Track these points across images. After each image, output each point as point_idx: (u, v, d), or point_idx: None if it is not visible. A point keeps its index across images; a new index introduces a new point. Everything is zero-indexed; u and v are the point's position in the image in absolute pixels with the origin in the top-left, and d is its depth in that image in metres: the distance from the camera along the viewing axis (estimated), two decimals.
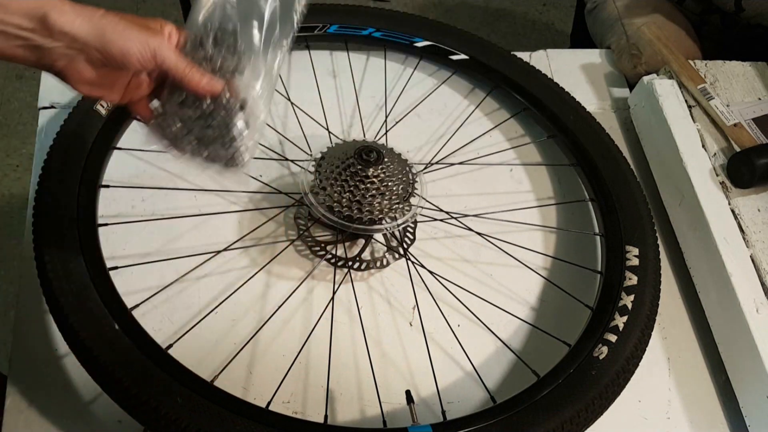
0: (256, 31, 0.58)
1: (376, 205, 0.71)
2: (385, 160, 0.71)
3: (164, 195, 0.80)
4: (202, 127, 0.59)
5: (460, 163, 0.88)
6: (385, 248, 0.79)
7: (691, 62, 0.93)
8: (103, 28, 0.51)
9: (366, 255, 0.78)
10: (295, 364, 0.69)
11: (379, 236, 0.80)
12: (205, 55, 0.57)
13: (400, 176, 0.72)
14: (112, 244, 0.75)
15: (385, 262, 0.78)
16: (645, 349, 0.70)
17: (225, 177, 0.63)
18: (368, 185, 0.70)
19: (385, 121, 0.90)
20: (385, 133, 0.88)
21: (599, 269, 0.78)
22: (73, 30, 0.50)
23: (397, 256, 0.78)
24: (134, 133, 0.81)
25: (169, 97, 0.58)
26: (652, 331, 0.71)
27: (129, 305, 0.63)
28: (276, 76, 0.60)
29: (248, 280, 0.74)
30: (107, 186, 0.74)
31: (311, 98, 0.90)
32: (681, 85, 0.91)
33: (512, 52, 0.96)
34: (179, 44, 0.57)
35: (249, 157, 0.60)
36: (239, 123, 0.59)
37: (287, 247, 0.78)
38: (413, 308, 0.76)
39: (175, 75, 0.55)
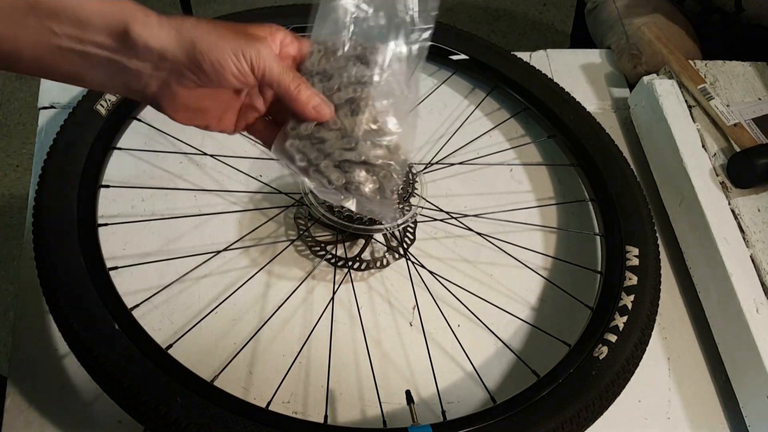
0: (392, 34, 0.49)
1: None
2: None
3: (164, 195, 0.80)
4: (341, 149, 0.48)
5: (460, 163, 0.88)
6: (385, 248, 0.79)
7: (691, 62, 0.93)
8: (192, 39, 0.43)
9: (366, 255, 0.78)
10: (295, 364, 0.69)
11: (379, 236, 0.80)
12: (333, 69, 0.48)
13: None
14: (112, 244, 0.75)
15: (385, 262, 0.78)
16: (645, 349, 0.70)
17: (377, 217, 0.52)
18: None
19: None
20: None
21: (599, 269, 0.78)
22: (158, 45, 0.42)
23: (397, 256, 0.78)
24: (134, 133, 0.81)
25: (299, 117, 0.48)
26: (652, 331, 0.71)
27: (129, 305, 0.63)
28: (417, 88, 0.51)
29: (248, 280, 0.74)
30: (107, 186, 0.74)
31: None
32: (681, 85, 0.91)
33: (512, 52, 0.96)
34: (299, 55, 0.48)
35: (398, 188, 0.49)
36: (382, 143, 0.49)
37: (287, 247, 0.78)
38: (413, 308, 0.76)
39: (279, 90, 0.47)
